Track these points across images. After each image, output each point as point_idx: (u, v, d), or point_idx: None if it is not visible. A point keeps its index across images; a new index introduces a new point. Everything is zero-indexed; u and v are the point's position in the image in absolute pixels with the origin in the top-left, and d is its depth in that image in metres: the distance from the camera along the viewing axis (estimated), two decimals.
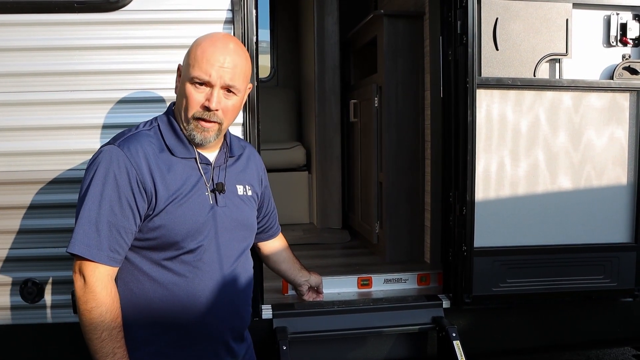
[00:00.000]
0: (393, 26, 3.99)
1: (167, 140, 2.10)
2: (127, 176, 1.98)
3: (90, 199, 1.97)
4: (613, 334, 3.28)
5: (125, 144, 2.02)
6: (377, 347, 3.02)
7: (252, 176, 2.36)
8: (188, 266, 2.09)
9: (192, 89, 2.04)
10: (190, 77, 2.03)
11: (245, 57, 2.13)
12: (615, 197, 3.06)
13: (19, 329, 2.77)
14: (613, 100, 3.03)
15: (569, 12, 2.94)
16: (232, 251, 2.20)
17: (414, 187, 4.03)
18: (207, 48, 2.04)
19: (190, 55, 2.06)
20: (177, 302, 2.08)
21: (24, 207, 2.68)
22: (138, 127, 2.14)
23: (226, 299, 2.18)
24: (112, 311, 1.97)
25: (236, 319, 2.26)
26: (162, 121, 2.15)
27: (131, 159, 1.99)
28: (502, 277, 2.97)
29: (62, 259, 2.71)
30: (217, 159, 2.19)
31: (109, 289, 1.98)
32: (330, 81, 5.12)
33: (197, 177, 2.11)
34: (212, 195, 2.13)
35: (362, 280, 3.27)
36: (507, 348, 3.22)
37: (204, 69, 2.02)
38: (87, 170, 2.02)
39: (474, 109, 2.88)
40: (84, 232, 1.95)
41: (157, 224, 2.03)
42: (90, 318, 1.95)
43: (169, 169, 2.06)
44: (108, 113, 2.68)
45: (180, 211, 2.05)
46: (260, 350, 2.50)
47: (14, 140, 2.66)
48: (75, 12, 2.64)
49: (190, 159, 2.12)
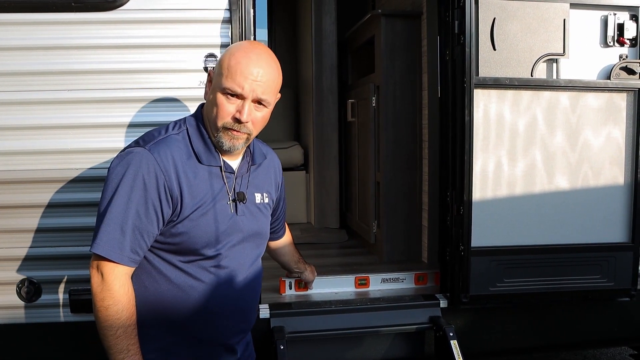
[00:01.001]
0: (391, 26, 3.99)
1: (194, 146, 2.09)
2: (156, 181, 1.97)
3: (118, 200, 1.96)
4: (610, 333, 3.28)
5: (156, 148, 2.01)
6: (375, 347, 3.03)
7: (270, 183, 2.38)
8: (205, 271, 2.10)
9: (223, 99, 2.02)
10: (222, 87, 2.01)
11: (277, 70, 2.13)
12: (612, 197, 3.06)
13: (16, 329, 2.77)
14: (610, 100, 3.03)
15: (566, 12, 2.94)
16: (247, 259, 2.22)
17: (411, 186, 4.03)
18: (241, 59, 2.01)
19: (223, 64, 2.04)
20: (190, 304, 2.09)
21: (22, 206, 2.68)
22: (167, 128, 2.11)
23: (238, 305, 2.20)
24: (128, 309, 1.98)
25: (244, 322, 2.28)
26: (191, 125, 2.13)
27: (161, 164, 1.98)
28: (499, 276, 2.97)
29: (60, 258, 2.72)
30: (240, 168, 2.19)
31: (126, 288, 1.99)
32: (327, 81, 5.12)
33: (220, 186, 2.11)
34: (232, 204, 2.14)
35: (360, 279, 3.28)
36: (504, 347, 3.22)
37: (237, 81, 1.99)
38: (115, 170, 2.00)
39: (471, 108, 2.88)
40: (108, 233, 1.95)
41: (180, 231, 2.04)
42: (106, 315, 1.95)
43: (195, 176, 2.06)
44: (106, 112, 2.68)
45: (204, 220, 2.06)
46: (257, 350, 2.51)
47: (12, 140, 2.66)
48: (73, 12, 2.64)
49: (215, 167, 2.11)
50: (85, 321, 2.68)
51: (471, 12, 2.86)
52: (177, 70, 2.71)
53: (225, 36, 2.70)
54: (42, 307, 2.75)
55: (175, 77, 2.71)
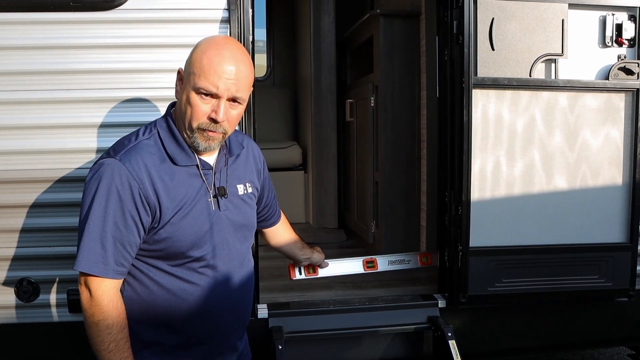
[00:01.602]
0: (389, 26, 4.00)
1: (168, 149, 2.04)
2: (130, 191, 1.93)
3: (94, 215, 1.93)
4: (608, 333, 3.28)
5: (127, 157, 1.96)
6: (373, 347, 3.03)
7: (252, 171, 2.33)
8: (195, 273, 2.08)
9: (197, 100, 1.97)
10: (196, 87, 1.96)
11: (250, 65, 2.07)
12: (610, 197, 3.06)
13: (14, 328, 2.76)
14: (608, 100, 3.03)
15: (564, 13, 2.94)
16: (237, 253, 2.19)
17: (410, 186, 4.03)
18: (214, 57, 1.96)
19: (195, 62, 1.98)
20: (186, 307, 2.07)
21: (19, 206, 2.68)
22: (137, 135, 2.07)
23: (232, 302, 2.18)
24: (119, 323, 1.97)
25: (241, 319, 2.27)
26: (162, 127, 2.08)
27: (133, 173, 1.94)
28: (498, 276, 2.97)
29: (58, 257, 2.71)
30: (217, 162, 2.15)
31: (114, 302, 1.97)
32: (326, 81, 5.13)
33: (199, 184, 2.08)
34: (214, 200, 2.10)
35: (368, 262, 3.24)
36: (502, 348, 3.23)
37: (211, 80, 1.94)
38: (88, 185, 1.97)
39: (469, 108, 2.88)
40: (89, 249, 1.94)
41: (163, 236, 2.01)
42: (97, 330, 1.95)
43: (171, 179, 2.02)
44: (104, 112, 2.68)
45: (186, 222, 2.02)
46: (256, 349, 2.50)
47: (10, 139, 2.65)
48: (71, 11, 2.63)
49: (191, 166, 2.07)
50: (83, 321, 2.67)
51: (470, 12, 2.86)
52: (175, 70, 2.70)
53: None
54: (40, 307, 2.74)
55: (174, 77, 2.70)
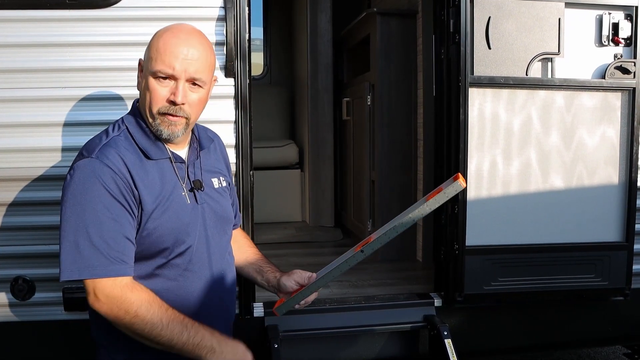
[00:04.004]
0: (386, 24, 4.00)
1: (139, 143, 2.01)
2: (115, 184, 1.89)
3: (87, 217, 1.86)
4: (604, 332, 3.29)
5: (102, 153, 1.92)
6: (369, 346, 3.03)
7: (221, 163, 2.31)
8: (179, 269, 2.04)
9: (155, 84, 1.95)
10: (152, 70, 1.94)
11: (210, 48, 2.05)
12: (606, 196, 3.07)
13: (9, 327, 2.76)
14: (605, 99, 3.04)
15: (561, 12, 2.95)
16: (218, 247, 2.16)
17: (406, 185, 4.04)
18: (169, 40, 1.94)
19: (152, 48, 1.97)
20: (171, 305, 1.99)
21: (15, 204, 2.67)
22: (107, 132, 2.03)
23: (216, 297, 2.15)
24: (154, 300, 1.90)
25: (226, 314, 2.25)
26: (130, 122, 2.05)
27: (113, 167, 1.90)
28: (494, 275, 2.97)
29: (54, 255, 2.69)
30: (189, 156, 2.12)
31: (138, 289, 1.91)
32: (323, 79, 5.12)
33: (174, 179, 2.04)
34: (190, 194, 2.07)
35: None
36: (498, 346, 3.23)
37: (167, 62, 1.92)
38: (69, 188, 1.90)
39: (466, 107, 2.88)
40: (94, 253, 1.86)
41: (145, 233, 1.96)
42: (143, 320, 1.86)
43: (146, 174, 1.98)
44: (101, 110, 2.67)
45: (166, 216, 1.98)
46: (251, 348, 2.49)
47: (5, 137, 2.65)
48: (67, 9, 2.62)
49: (164, 159, 2.04)
50: (78, 319, 2.67)
51: (466, 11, 2.86)
52: None
53: (220, 34, 2.69)
54: (35, 305, 2.74)
55: None
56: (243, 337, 2.43)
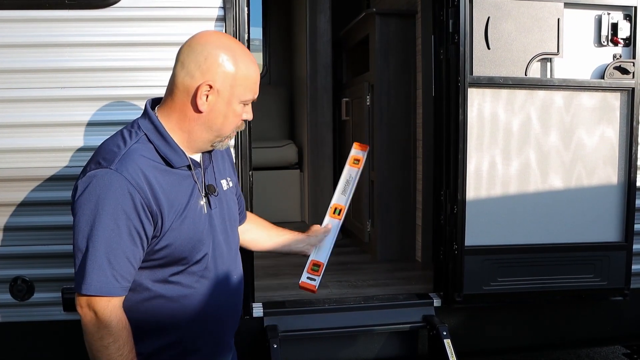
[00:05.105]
0: (385, 25, 4.00)
1: (161, 152, 1.97)
2: (132, 202, 1.85)
3: (98, 232, 1.84)
4: (603, 332, 3.29)
5: (123, 166, 1.86)
6: (368, 346, 3.03)
7: (228, 165, 2.31)
8: (195, 276, 2.03)
9: (240, 108, 2.03)
10: (244, 99, 2.01)
11: None
12: (605, 196, 3.07)
13: (8, 327, 2.76)
14: (604, 99, 3.04)
15: (560, 12, 2.95)
16: (229, 250, 2.17)
17: (405, 185, 4.04)
18: (250, 66, 2.01)
19: (239, 76, 1.97)
20: (187, 313, 2.03)
21: (14, 204, 2.67)
22: (124, 139, 1.97)
23: (229, 301, 2.17)
24: (129, 342, 1.91)
25: (236, 317, 2.25)
26: (148, 130, 1.99)
27: (133, 182, 1.85)
28: (493, 275, 2.98)
29: (53, 256, 2.70)
30: (203, 160, 2.11)
31: (123, 321, 1.90)
32: (322, 79, 5.12)
33: (191, 185, 2.03)
34: (205, 199, 2.06)
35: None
36: (497, 347, 3.23)
37: (255, 90, 2.03)
38: (83, 198, 1.87)
39: (465, 107, 2.88)
40: (98, 269, 1.84)
41: (163, 244, 1.94)
42: (108, 354, 1.87)
43: (168, 184, 1.95)
44: (100, 110, 2.67)
45: (184, 226, 1.97)
46: (251, 348, 2.50)
47: (5, 137, 2.65)
48: (66, 9, 2.62)
49: (183, 167, 2.01)
50: (77, 319, 2.66)
51: (465, 11, 2.86)
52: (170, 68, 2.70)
53: None
54: (34, 305, 2.74)
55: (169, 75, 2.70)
56: (243, 337, 2.44)
